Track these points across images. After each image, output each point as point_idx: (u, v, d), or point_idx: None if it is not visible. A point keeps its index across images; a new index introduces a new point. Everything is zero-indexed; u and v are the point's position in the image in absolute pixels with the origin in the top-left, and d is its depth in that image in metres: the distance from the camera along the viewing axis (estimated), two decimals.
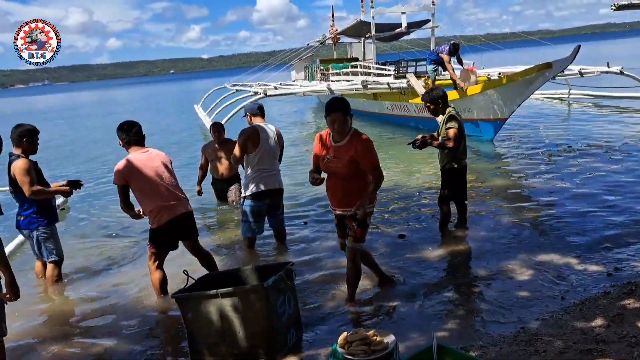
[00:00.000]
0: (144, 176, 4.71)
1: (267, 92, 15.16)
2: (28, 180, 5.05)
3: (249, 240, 6.10)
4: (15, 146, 5.17)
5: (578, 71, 15.27)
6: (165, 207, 4.78)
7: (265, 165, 5.81)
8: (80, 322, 4.86)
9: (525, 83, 11.30)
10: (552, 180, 8.25)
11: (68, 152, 17.22)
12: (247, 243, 6.13)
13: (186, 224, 4.96)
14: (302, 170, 10.71)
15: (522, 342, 3.66)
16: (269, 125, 5.97)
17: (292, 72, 25.30)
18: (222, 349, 3.80)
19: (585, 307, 4.13)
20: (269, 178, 5.85)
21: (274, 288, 3.74)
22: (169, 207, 4.79)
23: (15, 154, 5.14)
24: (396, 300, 4.64)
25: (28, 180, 5.05)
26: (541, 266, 5.03)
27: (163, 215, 4.78)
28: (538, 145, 11.40)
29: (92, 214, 8.66)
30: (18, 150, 5.15)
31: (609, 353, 3.40)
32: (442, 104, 6.00)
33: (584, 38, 37.73)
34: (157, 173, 4.77)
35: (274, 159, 5.93)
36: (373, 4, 16.88)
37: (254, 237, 6.10)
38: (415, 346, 3.72)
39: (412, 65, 17.18)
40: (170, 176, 4.88)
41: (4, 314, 3.43)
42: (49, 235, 5.37)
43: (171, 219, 4.80)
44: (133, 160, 4.74)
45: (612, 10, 11.05)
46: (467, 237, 6.07)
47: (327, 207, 7.64)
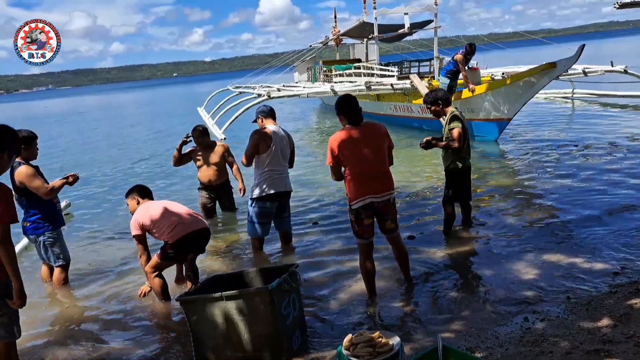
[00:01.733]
0: (156, 215, 4.91)
1: (271, 94, 15.15)
2: (40, 184, 5.12)
3: (257, 242, 6.09)
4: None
5: (582, 70, 15.22)
6: (180, 223, 4.88)
7: (275, 167, 5.82)
8: (86, 325, 4.87)
9: (530, 83, 11.27)
10: (557, 179, 8.22)
11: (71, 157, 17.28)
12: (255, 244, 6.12)
13: (202, 241, 5.05)
14: (310, 171, 10.75)
15: (528, 343, 3.64)
16: (280, 128, 5.96)
17: (295, 73, 25.33)
18: (227, 351, 3.80)
19: (592, 307, 4.11)
20: (279, 180, 5.86)
21: (278, 290, 3.74)
22: (183, 223, 4.90)
23: (15, 161, 5.10)
24: (401, 301, 4.63)
25: (40, 184, 5.12)
26: (547, 266, 5.01)
27: (179, 230, 4.86)
28: (542, 144, 11.36)
29: (97, 216, 8.68)
30: (17, 158, 5.08)
31: (615, 353, 3.38)
32: (442, 105, 5.99)
33: (587, 37, 37.54)
34: (165, 208, 4.97)
35: (284, 161, 5.93)
36: (376, 5, 16.87)
37: (262, 238, 6.10)
38: (420, 347, 3.71)
39: (415, 65, 17.17)
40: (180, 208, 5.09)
41: (18, 317, 3.47)
42: (55, 240, 5.39)
43: (189, 233, 4.86)
44: (145, 210, 4.99)
45: (615, 8, 11.00)
46: (472, 238, 6.05)
47: (335, 208, 7.70)
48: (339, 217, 7.22)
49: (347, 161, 4.45)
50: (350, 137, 4.44)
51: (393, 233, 4.68)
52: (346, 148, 4.42)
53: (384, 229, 4.65)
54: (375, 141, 4.50)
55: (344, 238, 6.41)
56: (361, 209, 4.46)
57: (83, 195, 10.28)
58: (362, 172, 4.44)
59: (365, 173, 4.44)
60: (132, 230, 4.93)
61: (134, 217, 4.96)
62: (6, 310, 3.35)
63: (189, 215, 5.00)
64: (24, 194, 5.17)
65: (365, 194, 4.42)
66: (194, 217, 5.04)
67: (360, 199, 4.44)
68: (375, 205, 4.46)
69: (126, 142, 18.92)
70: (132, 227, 4.92)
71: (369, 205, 4.45)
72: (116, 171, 13.05)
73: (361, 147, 4.43)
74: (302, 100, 22.52)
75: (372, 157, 4.44)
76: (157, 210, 4.92)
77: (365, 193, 4.42)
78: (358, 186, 4.44)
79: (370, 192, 4.43)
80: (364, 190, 4.43)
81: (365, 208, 4.45)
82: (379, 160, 4.49)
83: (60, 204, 5.79)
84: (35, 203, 5.24)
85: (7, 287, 3.30)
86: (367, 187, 4.43)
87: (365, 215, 4.48)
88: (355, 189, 4.46)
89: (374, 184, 4.45)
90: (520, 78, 11.48)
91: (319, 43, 24.91)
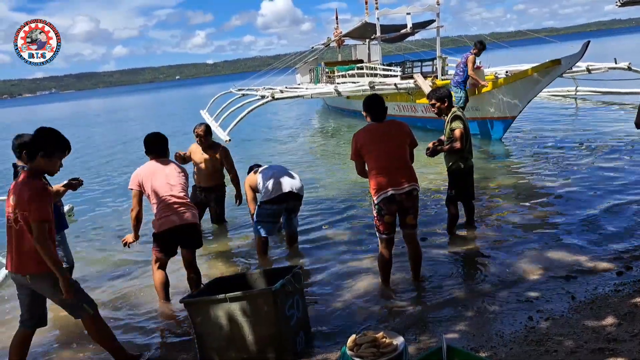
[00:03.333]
0: (156, 184, 4.84)
1: (275, 95, 15.15)
2: None
3: (263, 243, 6.07)
4: (18, 157, 5.06)
5: (586, 68, 15.16)
6: (168, 215, 4.82)
7: (278, 170, 5.86)
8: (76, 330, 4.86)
9: (534, 80, 11.22)
10: (561, 178, 8.20)
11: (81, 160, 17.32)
12: (261, 245, 6.08)
13: (188, 235, 4.96)
14: (318, 171, 10.75)
15: (532, 342, 3.64)
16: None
17: (297, 75, 25.32)
18: (231, 353, 3.80)
19: (596, 305, 4.10)
20: (289, 180, 5.87)
21: (282, 292, 3.74)
22: (171, 215, 4.82)
23: (20, 165, 5.03)
24: (405, 301, 4.63)
25: None
26: (551, 265, 5.00)
27: (164, 222, 4.82)
28: (546, 143, 11.34)
29: (99, 219, 8.69)
30: (21, 162, 5.04)
31: (620, 352, 3.37)
32: (447, 103, 5.98)
33: (589, 35, 37.44)
34: (168, 183, 4.86)
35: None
36: (378, 5, 16.86)
37: (267, 239, 6.08)
38: (424, 348, 3.71)
39: (418, 65, 17.13)
40: (181, 187, 4.92)
41: (84, 296, 3.87)
42: (58, 243, 5.37)
43: (171, 228, 4.83)
44: (148, 168, 4.92)
45: (617, 6, 10.93)
46: (476, 237, 6.04)
47: (338, 209, 7.70)
48: (343, 219, 7.22)
49: (370, 156, 4.65)
50: (373, 133, 4.68)
51: (412, 230, 4.79)
52: (369, 143, 4.64)
53: (405, 224, 4.76)
54: (397, 138, 4.68)
55: (348, 239, 6.41)
56: (382, 203, 4.59)
57: (86, 199, 10.30)
58: (384, 167, 4.60)
59: (386, 167, 4.60)
60: (130, 182, 4.92)
61: (136, 171, 4.93)
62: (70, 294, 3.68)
63: (178, 205, 4.84)
64: None
65: (387, 187, 4.57)
66: (181, 210, 4.85)
67: (382, 192, 4.58)
68: (397, 198, 4.58)
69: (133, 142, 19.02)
70: (131, 179, 4.92)
71: (391, 198, 4.57)
72: (120, 172, 13.10)
73: (383, 142, 4.62)
74: (305, 101, 22.52)
75: (393, 152, 4.63)
76: (157, 183, 4.84)
77: (386, 186, 4.57)
78: (379, 180, 4.60)
79: (391, 185, 4.56)
80: (385, 183, 4.57)
81: (387, 202, 4.58)
82: (400, 155, 4.66)
83: (64, 207, 5.78)
84: None
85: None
86: (388, 180, 4.57)
87: (386, 211, 4.61)
88: (377, 183, 4.62)
89: (395, 177, 4.58)
90: (524, 76, 11.43)
91: (321, 44, 24.90)
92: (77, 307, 3.82)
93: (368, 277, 5.20)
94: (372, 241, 6.17)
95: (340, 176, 10.47)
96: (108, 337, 4.00)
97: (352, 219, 7.22)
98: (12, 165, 5.13)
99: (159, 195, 4.82)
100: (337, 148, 14.43)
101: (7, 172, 13.83)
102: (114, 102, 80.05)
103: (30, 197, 3.54)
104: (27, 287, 3.78)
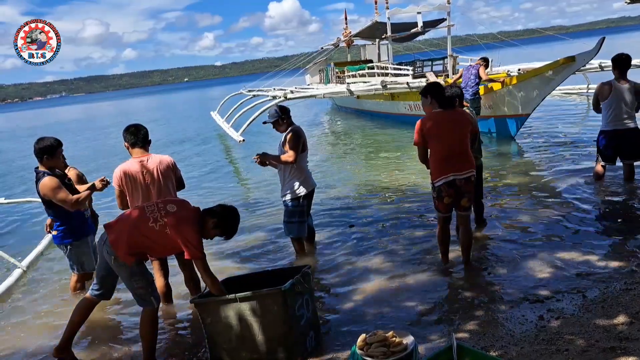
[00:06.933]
0: (137, 183, 4.73)
1: (287, 95, 15.22)
2: (64, 196, 4.92)
3: (299, 241, 5.95)
4: (39, 162, 5.05)
5: (598, 65, 15.05)
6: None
7: (306, 165, 5.83)
8: (99, 329, 4.90)
9: (548, 78, 11.12)
10: (572, 176, 8.12)
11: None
12: (298, 244, 5.97)
13: None
14: (328, 171, 10.75)
15: (543, 341, 3.62)
16: None
17: (307, 76, 25.38)
18: (242, 353, 3.82)
19: (607, 304, 4.07)
20: (311, 178, 5.84)
21: (291, 291, 3.75)
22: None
23: (41, 171, 5.04)
24: (415, 300, 4.62)
25: (64, 196, 4.92)
26: (561, 263, 4.97)
27: None
28: (558, 141, 11.26)
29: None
30: (43, 167, 5.04)
31: (632, 350, 3.34)
32: (458, 103, 5.96)
33: (599, 33, 36.95)
34: (152, 180, 4.75)
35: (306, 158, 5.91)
36: (388, 5, 16.88)
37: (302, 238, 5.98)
38: (434, 347, 3.71)
39: (428, 64, 17.11)
40: (165, 184, 4.80)
41: (153, 289, 4.07)
42: (77, 249, 5.38)
43: None
44: (129, 165, 4.76)
45: (626, 3, 10.84)
46: (485, 236, 6.00)
47: (351, 208, 7.70)
48: (352, 219, 7.22)
49: (433, 141, 4.90)
50: (438, 119, 4.91)
51: (467, 211, 5.10)
52: (434, 129, 4.88)
53: (460, 207, 5.04)
54: (460, 125, 4.94)
55: (357, 238, 6.41)
56: (443, 186, 4.90)
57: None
58: (448, 152, 4.86)
59: (450, 153, 4.85)
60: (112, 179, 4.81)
61: (118, 167, 4.77)
62: (142, 284, 3.96)
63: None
64: (50, 205, 5.09)
65: (449, 172, 4.85)
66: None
67: (443, 176, 4.87)
68: (457, 183, 4.88)
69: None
70: (113, 177, 4.79)
71: (452, 182, 4.87)
72: None
73: (450, 130, 4.87)
74: (314, 102, 22.54)
75: (456, 139, 4.87)
76: (134, 192, 4.74)
77: (448, 171, 4.85)
78: (442, 164, 4.88)
79: (453, 171, 4.85)
80: (447, 169, 4.86)
81: (447, 186, 4.88)
82: (462, 142, 4.90)
83: (88, 211, 5.61)
84: (60, 214, 5.15)
85: (137, 268, 3.94)
86: (451, 166, 4.85)
87: (446, 193, 4.92)
88: (439, 168, 4.90)
89: (457, 163, 4.85)
90: (538, 73, 11.34)
91: (331, 45, 24.94)
92: (146, 298, 4.01)
93: (378, 277, 5.21)
94: (381, 241, 6.17)
95: (350, 176, 10.47)
96: (153, 336, 4.05)
97: (362, 219, 7.22)
98: (35, 169, 5.11)
99: (139, 195, 4.75)
100: (346, 147, 14.44)
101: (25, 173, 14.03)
102: (126, 105, 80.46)
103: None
104: (108, 263, 3.98)
